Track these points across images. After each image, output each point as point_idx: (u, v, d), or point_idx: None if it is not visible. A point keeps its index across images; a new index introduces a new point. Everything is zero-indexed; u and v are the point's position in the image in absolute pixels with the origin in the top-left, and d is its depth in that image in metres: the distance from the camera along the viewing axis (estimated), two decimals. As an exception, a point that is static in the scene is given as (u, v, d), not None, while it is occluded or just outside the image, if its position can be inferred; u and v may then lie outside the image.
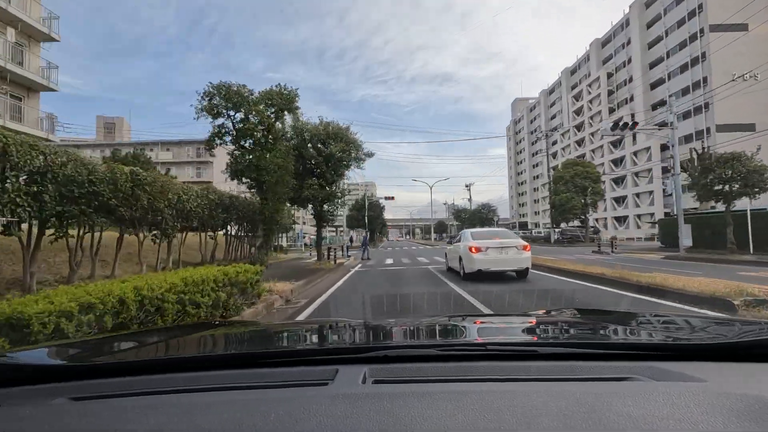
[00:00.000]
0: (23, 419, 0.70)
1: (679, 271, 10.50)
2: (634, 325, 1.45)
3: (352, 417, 0.63)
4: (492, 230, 13.55)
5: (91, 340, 1.92)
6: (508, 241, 10.75)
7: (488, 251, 10.17)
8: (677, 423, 0.59)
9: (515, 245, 10.58)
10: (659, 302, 6.27)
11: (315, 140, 14.99)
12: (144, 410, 0.70)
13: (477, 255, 10.10)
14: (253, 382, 0.85)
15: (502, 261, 10.15)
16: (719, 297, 5.52)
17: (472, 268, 10.12)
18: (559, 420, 0.61)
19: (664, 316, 1.82)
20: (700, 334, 1.26)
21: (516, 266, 10.32)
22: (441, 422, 0.61)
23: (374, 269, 14.82)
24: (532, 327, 1.56)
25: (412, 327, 1.59)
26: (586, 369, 0.86)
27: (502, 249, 10.32)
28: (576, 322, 1.63)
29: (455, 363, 0.93)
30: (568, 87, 74.09)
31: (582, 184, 38.73)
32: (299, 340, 1.47)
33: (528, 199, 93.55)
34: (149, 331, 2.46)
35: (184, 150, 54.09)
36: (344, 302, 7.59)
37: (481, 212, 60.14)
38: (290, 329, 1.85)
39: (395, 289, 8.60)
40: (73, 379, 0.90)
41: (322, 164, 14.91)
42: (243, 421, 0.63)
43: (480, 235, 11.64)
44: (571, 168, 39.58)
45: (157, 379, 0.90)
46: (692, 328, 1.39)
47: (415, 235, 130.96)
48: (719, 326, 1.35)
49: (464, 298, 7.28)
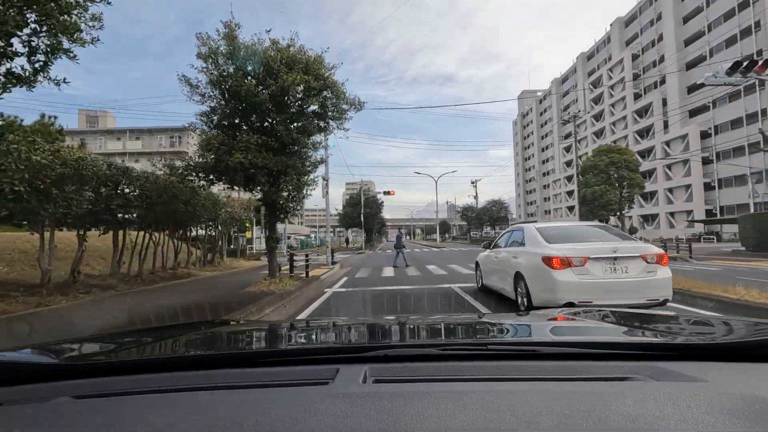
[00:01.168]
0: (25, 418, 0.70)
1: None
2: (635, 325, 1.44)
3: (353, 416, 0.63)
4: (576, 226, 7.24)
5: (91, 338, 1.80)
6: (623, 247, 5.39)
7: (588, 267, 5.20)
8: (678, 423, 0.59)
9: (640, 255, 5.28)
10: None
11: (261, 68, 8.62)
12: (145, 409, 0.70)
13: (563, 274, 5.18)
14: (254, 381, 0.85)
15: (619, 286, 5.15)
16: None
17: (553, 298, 5.16)
18: (559, 420, 0.61)
19: (665, 316, 1.74)
20: (700, 335, 1.27)
21: (645, 296, 5.12)
22: (441, 421, 0.61)
23: (364, 291, 8.57)
24: (533, 327, 1.52)
25: (413, 326, 1.59)
26: (587, 369, 0.86)
27: (616, 263, 5.23)
28: (576, 322, 1.62)
29: (456, 362, 0.93)
30: (584, 73, 67.88)
31: (619, 174, 32.47)
32: (300, 339, 1.46)
33: (537, 197, 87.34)
34: (150, 330, 2.08)
35: (156, 139, 47.88)
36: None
37: (491, 210, 53.62)
38: (291, 328, 1.70)
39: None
40: (74, 378, 0.90)
41: (270, 108, 8.54)
42: (244, 420, 0.63)
43: (560, 235, 6.02)
44: (605, 155, 33.26)
45: (158, 378, 0.90)
46: (693, 328, 1.40)
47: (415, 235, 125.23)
48: (720, 326, 1.35)
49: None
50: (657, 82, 49.81)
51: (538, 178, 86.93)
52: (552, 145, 79.97)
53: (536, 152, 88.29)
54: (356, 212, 42.73)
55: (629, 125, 53.98)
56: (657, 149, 48.67)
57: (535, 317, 1.76)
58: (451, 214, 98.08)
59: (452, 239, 78.68)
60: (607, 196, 31.67)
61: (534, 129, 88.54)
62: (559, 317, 1.71)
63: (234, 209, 15.37)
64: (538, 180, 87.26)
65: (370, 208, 44.66)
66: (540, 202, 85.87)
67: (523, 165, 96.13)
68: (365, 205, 42.37)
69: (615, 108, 58.46)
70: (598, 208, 32.45)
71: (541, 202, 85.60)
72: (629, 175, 32.50)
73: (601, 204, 32.02)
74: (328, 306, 6.99)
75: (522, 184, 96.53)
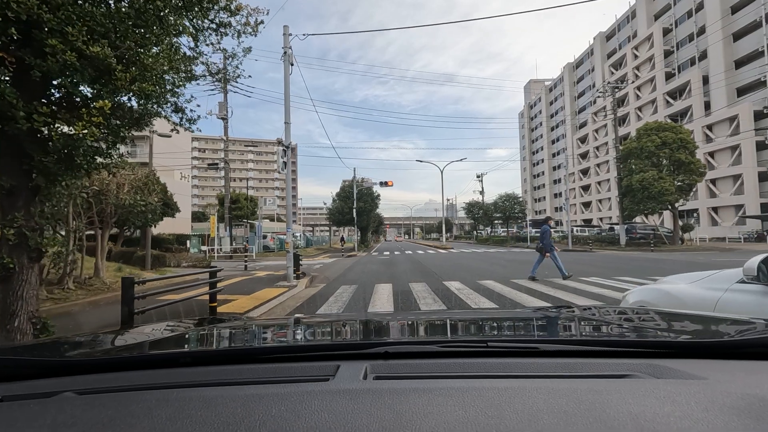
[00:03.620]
0: (28, 413, 0.70)
1: None
2: (636, 323, 1.44)
3: (354, 412, 0.63)
4: None
5: (94, 334, 1.77)
6: None
7: None
8: (678, 420, 0.60)
9: None
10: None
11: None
12: (148, 404, 0.70)
13: None
14: (256, 377, 0.85)
15: None
16: None
17: None
18: (559, 417, 0.61)
19: (666, 314, 1.68)
20: (701, 332, 1.26)
21: None
22: (441, 418, 0.61)
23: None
24: (533, 324, 1.51)
25: (413, 323, 1.58)
26: (587, 366, 0.85)
27: None
28: (577, 319, 1.59)
29: (456, 359, 0.92)
30: (603, 55, 61.33)
31: (675, 157, 25.92)
32: (301, 336, 1.44)
33: (546, 193, 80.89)
34: (151, 328, 1.89)
35: (115, 121, 41.01)
36: None
37: (503, 205, 46.73)
38: (292, 326, 1.74)
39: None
40: (77, 374, 0.91)
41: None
42: (245, 416, 0.64)
43: None
44: (654, 134, 26.70)
45: (161, 374, 0.90)
46: (693, 326, 1.39)
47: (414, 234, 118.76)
48: (721, 324, 1.34)
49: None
50: (696, 57, 43.28)
51: (548, 173, 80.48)
52: (564, 135, 73.49)
53: (545, 145, 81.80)
54: (348, 207, 36.02)
55: (660, 109, 47.48)
56: (696, 134, 42.11)
57: (536, 315, 1.74)
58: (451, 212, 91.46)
59: (455, 238, 72.52)
60: (660, 185, 25.13)
61: (543, 120, 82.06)
62: (560, 315, 1.67)
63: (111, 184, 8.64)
64: (547, 175, 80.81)
65: (364, 202, 37.92)
66: (550, 198, 79.41)
67: (530, 159, 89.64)
68: (358, 198, 35.62)
69: (641, 91, 51.97)
70: (647, 200, 25.94)
71: (551, 198, 79.18)
72: (688, 159, 25.96)
73: (652, 195, 25.50)
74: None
75: (529, 180, 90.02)
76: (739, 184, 37.74)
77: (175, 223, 34.27)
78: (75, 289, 8.05)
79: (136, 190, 9.25)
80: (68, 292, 7.79)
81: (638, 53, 52.09)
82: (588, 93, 65.33)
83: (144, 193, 9.50)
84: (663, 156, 26.29)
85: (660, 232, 28.71)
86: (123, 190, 8.77)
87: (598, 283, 9.49)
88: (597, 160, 61.70)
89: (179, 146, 42.32)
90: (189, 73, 5.15)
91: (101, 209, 8.83)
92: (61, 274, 7.96)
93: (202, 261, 17.78)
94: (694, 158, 26.53)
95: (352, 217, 34.72)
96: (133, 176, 9.43)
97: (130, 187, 9.18)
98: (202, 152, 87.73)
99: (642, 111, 51.57)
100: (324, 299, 8.00)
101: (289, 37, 11.77)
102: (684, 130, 27.70)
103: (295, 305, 7.55)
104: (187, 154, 45.65)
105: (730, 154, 38.65)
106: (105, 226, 9.15)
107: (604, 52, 61.29)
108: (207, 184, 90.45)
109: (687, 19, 44.66)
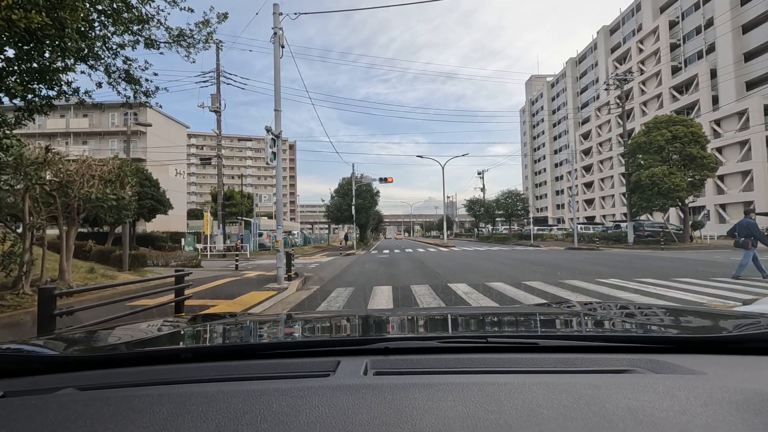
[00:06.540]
0: (30, 409, 0.70)
1: None
2: (635, 318, 1.42)
3: (354, 408, 0.64)
4: None
5: (95, 330, 1.69)
6: None
7: None
8: (676, 415, 0.60)
9: None
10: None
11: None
12: (150, 400, 0.71)
13: None
14: (257, 373, 0.85)
15: None
16: None
17: None
18: (559, 411, 0.62)
19: (665, 309, 1.66)
20: (700, 328, 1.26)
21: None
22: (442, 413, 0.62)
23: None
24: (533, 319, 1.50)
25: (413, 319, 1.57)
26: (586, 361, 0.86)
27: None
28: (576, 315, 1.57)
29: (456, 355, 0.93)
30: (607, 50, 60.19)
31: (686, 151, 24.93)
32: (300, 331, 1.45)
33: (548, 191, 79.84)
34: (153, 323, 1.87)
35: (107, 116, 40.02)
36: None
37: (505, 202, 45.66)
38: (292, 321, 1.69)
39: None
40: (79, 370, 0.90)
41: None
42: (246, 411, 0.64)
43: None
44: (664, 128, 25.70)
45: (162, 370, 0.90)
46: (693, 320, 1.39)
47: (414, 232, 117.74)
48: (719, 319, 1.33)
49: None
50: (703, 50, 42.20)
51: (550, 170, 79.42)
52: (567, 132, 72.37)
53: (547, 141, 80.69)
54: (347, 204, 35.04)
55: (666, 103, 46.38)
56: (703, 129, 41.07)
57: (536, 311, 1.72)
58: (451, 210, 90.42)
59: (455, 236, 71.56)
60: (671, 180, 24.15)
61: (545, 116, 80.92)
62: (560, 311, 1.67)
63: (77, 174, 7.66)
64: (549, 172, 79.75)
65: (363, 199, 36.94)
66: (552, 196, 78.40)
67: (531, 156, 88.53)
68: (357, 195, 34.63)
69: (646, 85, 50.89)
70: (656, 196, 24.95)
71: (552, 195, 78.16)
72: (700, 153, 24.97)
73: (662, 191, 24.52)
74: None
75: (530, 177, 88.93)
76: (748, 180, 36.74)
77: (169, 221, 33.33)
78: (32, 294, 7.09)
79: (107, 183, 8.27)
80: (23, 297, 6.83)
81: (643, 47, 50.97)
82: (591, 88, 64.21)
83: (116, 186, 8.53)
84: (673, 150, 25.30)
85: (669, 229, 27.74)
86: (89, 183, 7.79)
87: (620, 285, 8.53)
88: (600, 157, 60.62)
89: (175, 142, 41.32)
90: (141, 33, 4.19)
91: (65, 203, 7.87)
92: (16, 277, 7.01)
93: (191, 260, 16.82)
94: (705, 152, 25.54)
95: (351, 214, 33.75)
96: (103, 167, 8.45)
97: (100, 180, 8.20)
98: (200, 149, 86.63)
99: (647, 106, 50.51)
100: (316, 304, 7.08)
101: (279, 16, 10.77)
102: (695, 123, 26.70)
103: (292, 303, 6.65)
104: (182, 150, 44.61)
105: (738, 150, 37.64)
106: (71, 222, 8.18)
107: (608, 47, 60.14)
108: (205, 182, 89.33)
109: (694, 11, 43.53)
